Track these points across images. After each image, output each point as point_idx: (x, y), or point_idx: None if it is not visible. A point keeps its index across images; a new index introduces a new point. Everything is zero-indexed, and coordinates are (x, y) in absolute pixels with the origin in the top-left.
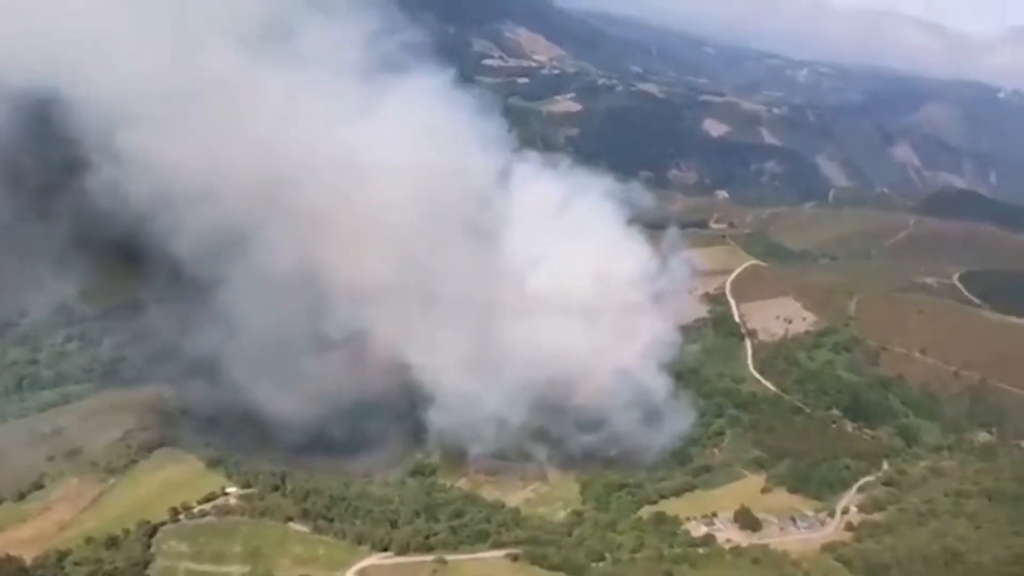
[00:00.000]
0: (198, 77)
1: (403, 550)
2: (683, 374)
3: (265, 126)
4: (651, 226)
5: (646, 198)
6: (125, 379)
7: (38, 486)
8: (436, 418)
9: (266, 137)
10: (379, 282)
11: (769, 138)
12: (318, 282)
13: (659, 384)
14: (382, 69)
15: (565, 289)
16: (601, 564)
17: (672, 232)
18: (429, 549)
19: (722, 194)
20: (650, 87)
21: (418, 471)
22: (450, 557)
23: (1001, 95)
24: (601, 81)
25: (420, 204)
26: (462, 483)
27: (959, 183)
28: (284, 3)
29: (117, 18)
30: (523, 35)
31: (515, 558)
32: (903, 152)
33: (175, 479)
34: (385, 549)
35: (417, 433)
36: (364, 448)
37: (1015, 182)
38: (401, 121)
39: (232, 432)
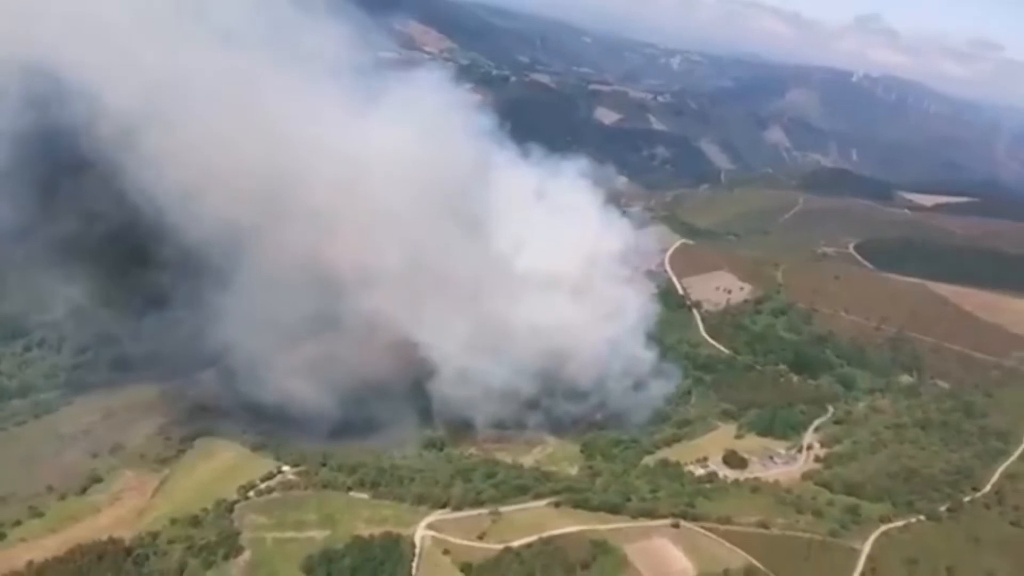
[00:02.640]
0: (206, 76)
1: (459, 506)
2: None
3: (270, 123)
4: None
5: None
6: (133, 378)
7: (96, 480)
8: (441, 394)
9: (272, 134)
10: (383, 268)
11: (657, 124)
12: (326, 270)
13: (647, 353)
14: (378, 67)
15: (556, 267)
16: (631, 503)
17: (637, 211)
18: (481, 504)
19: (622, 179)
20: (542, 77)
21: (430, 445)
22: (502, 509)
23: (854, 79)
24: (495, 72)
25: (419, 194)
26: (472, 451)
27: (826, 162)
28: (274, 5)
29: (132, 20)
30: (413, 27)
31: (557, 505)
32: (775, 134)
33: (227, 463)
34: (443, 506)
35: (423, 410)
36: (376, 428)
37: (874, 159)
38: (399, 116)
39: (251, 422)
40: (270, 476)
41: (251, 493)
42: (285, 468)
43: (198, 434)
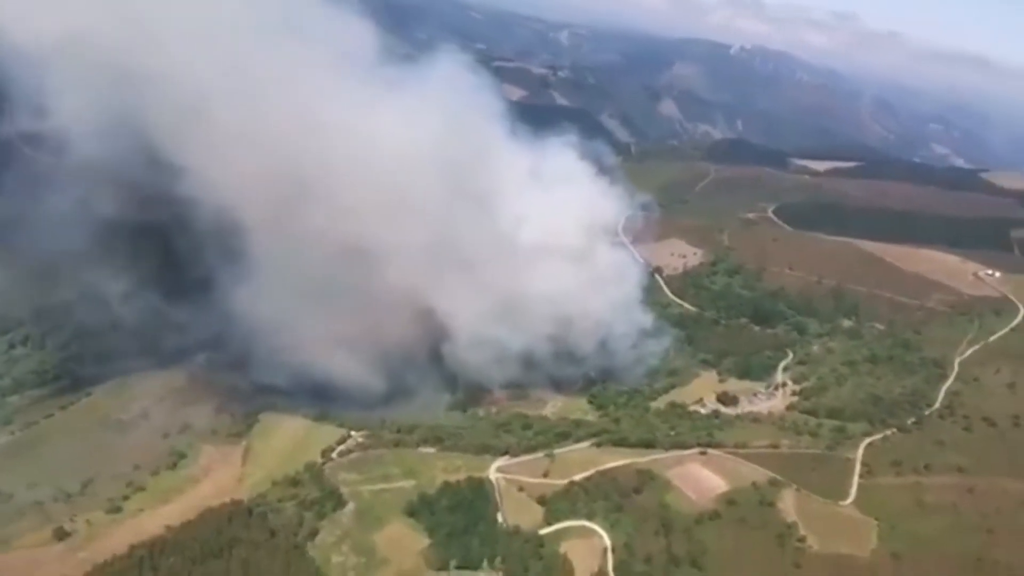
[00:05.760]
0: (248, 70)
1: (516, 453)
2: None
3: (302, 115)
4: None
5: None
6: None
7: (180, 455)
8: (457, 358)
9: (301, 123)
10: (406, 244)
11: (560, 100)
12: (353, 248)
13: (644, 315)
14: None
15: (560, 237)
16: (659, 439)
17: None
18: (534, 449)
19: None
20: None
21: (455, 407)
22: (556, 452)
23: (732, 51)
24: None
25: (436, 175)
26: (494, 410)
27: (715, 133)
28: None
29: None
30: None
31: (599, 445)
32: (667, 107)
33: (298, 433)
34: (504, 454)
35: (443, 377)
36: (408, 394)
37: (757, 128)
38: (416, 103)
39: (303, 397)
40: (343, 440)
41: (334, 455)
42: (354, 433)
43: (258, 411)
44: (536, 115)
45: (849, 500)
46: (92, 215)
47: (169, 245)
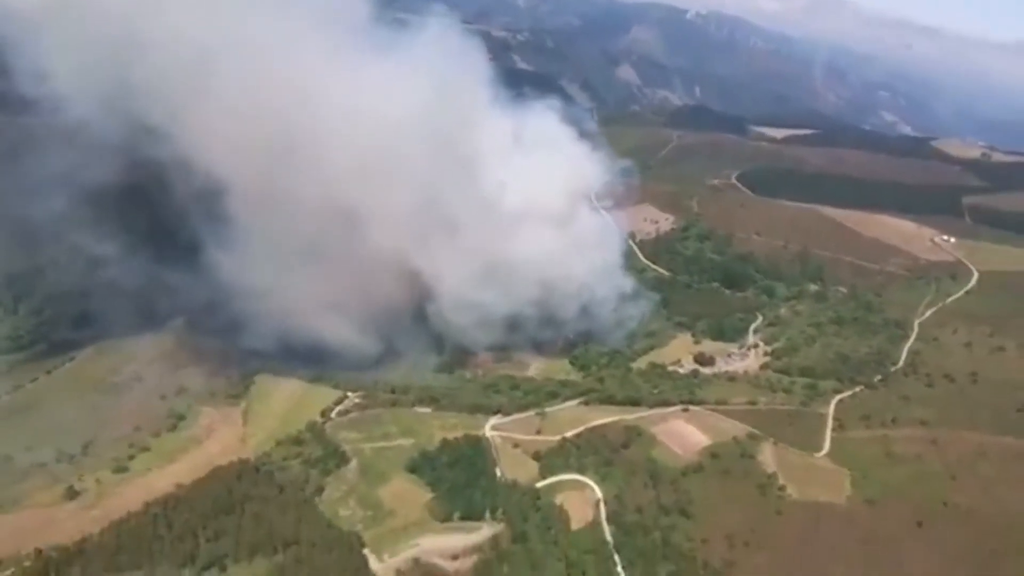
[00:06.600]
0: (227, 40)
1: (509, 412)
2: None
3: (288, 81)
4: None
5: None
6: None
7: (179, 417)
8: (443, 320)
9: (290, 88)
10: (393, 208)
11: (521, 63)
12: (342, 213)
13: (626, 279)
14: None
15: (544, 201)
16: (644, 397)
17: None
18: (525, 408)
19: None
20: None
21: (442, 368)
22: (547, 410)
23: (689, 16)
24: None
25: (422, 140)
26: (480, 371)
27: (673, 98)
28: None
29: None
30: None
31: (587, 403)
32: (625, 72)
33: (296, 394)
34: (496, 413)
35: (430, 339)
36: (396, 356)
37: (714, 94)
38: (402, 67)
39: (296, 360)
40: (340, 401)
41: (333, 415)
42: (350, 394)
43: (252, 373)
44: (495, 79)
45: (823, 452)
46: (79, 179)
47: (156, 210)
